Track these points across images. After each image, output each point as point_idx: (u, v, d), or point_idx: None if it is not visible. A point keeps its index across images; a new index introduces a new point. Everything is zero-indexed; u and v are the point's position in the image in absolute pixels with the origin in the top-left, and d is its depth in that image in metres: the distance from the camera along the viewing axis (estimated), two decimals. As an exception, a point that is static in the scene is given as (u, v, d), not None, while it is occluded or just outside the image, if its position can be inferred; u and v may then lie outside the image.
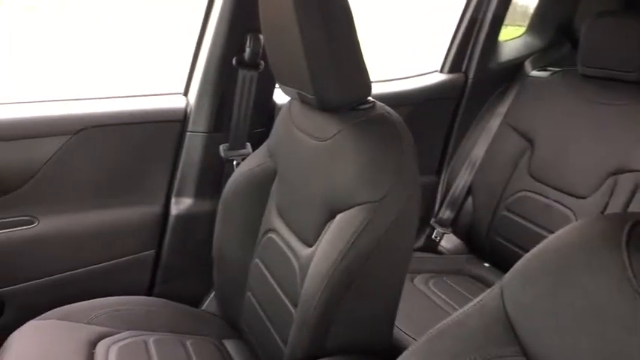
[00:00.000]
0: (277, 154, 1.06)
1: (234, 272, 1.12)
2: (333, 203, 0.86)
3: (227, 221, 1.13)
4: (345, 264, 0.79)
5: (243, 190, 1.10)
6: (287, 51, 0.88)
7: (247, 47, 1.24)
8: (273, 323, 0.99)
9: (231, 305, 1.16)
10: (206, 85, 1.28)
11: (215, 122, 1.30)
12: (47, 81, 2.52)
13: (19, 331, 1.00)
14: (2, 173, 1.17)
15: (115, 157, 1.27)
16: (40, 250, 1.23)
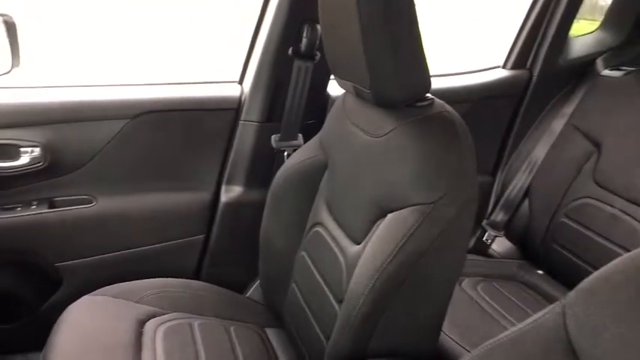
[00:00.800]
0: (329, 148, 1.04)
1: (279, 262, 1.13)
2: (384, 202, 0.84)
3: (275, 212, 1.13)
4: (393, 266, 0.77)
5: (293, 181, 1.10)
6: (345, 43, 0.85)
7: (304, 37, 1.23)
8: (315, 316, 0.98)
9: (274, 295, 1.16)
10: (261, 75, 1.29)
11: (268, 112, 1.30)
12: (111, 65, 2.62)
13: (75, 305, 1.05)
14: (65, 153, 1.22)
15: (170, 142, 1.30)
16: (97, 228, 1.28)
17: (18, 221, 1.22)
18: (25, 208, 1.23)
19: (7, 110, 1.18)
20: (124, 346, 0.95)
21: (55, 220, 1.25)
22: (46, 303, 1.31)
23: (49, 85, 1.29)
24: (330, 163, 1.04)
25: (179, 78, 1.36)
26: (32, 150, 1.19)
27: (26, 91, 1.24)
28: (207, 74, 1.48)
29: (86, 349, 0.94)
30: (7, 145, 1.17)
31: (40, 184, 1.24)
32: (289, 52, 1.24)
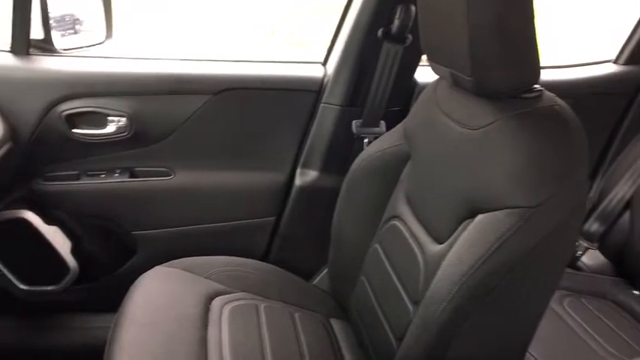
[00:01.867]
0: (414, 138, 0.97)
1: (350, 253, 1.09)
2: (475, 201, 0.76)
3: (350, 200, 1.09)
4: (482, 273, 0.70)
5: (372, 170, 1.05)
6: (445, 24, 0.78)
7: (396, 19, 1.16)
8: (386, 314, 0.93)
9: (342, 285, 1.13)
10: (347, 57, 1.24)
11: (351, 96, 1.26)
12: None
13: (147, 274, 1.07)
14: (148, 125, 1.25)
15: (250, 120, 1.30)
16: (173, 201, 1.31)
17: (101, 188, 1.27)
18: (108, 176, 1.28)
19: (99, 79, 1.22)
20: (191, 320, 0.96)
21: (135, 190, 1.28)
22: (121, 269, 1.36)
23: (139, 56, 1.32)
24: (414, 154, 0.97)
25: (263, 56, 1.34)
26: (119, 119, 1.22)
27: (117, 62, 1.28)
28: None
29: (155, 319, 0.95)
30: (97, 113, 1.21)
31: (124, 153, 1.28)
32: (379, 34, 1.18)
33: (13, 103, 1.17)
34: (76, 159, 1.26)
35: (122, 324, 0.93)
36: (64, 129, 1.21)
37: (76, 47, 1.34)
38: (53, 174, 1.26)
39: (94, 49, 1.38)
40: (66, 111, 1.19)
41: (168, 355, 0.88)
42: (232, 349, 0.92)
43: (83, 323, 1.39)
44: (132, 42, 2.72)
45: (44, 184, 1.25)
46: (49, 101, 1.18)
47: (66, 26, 1.46)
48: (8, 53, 1.20)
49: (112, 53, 1.34)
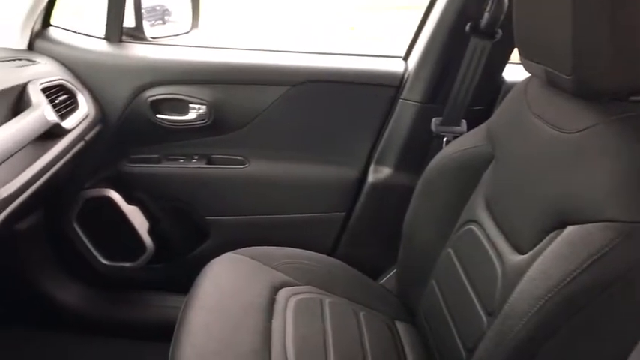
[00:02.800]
0: (499, 139, 0.92)
1: (420, 255, 1.05)
2: (565, 211, 0.70)
3: (425, 200, 1.05)
4: (570, 290, 0.63)
5: (450, 171, 1.00)
6: (545, 18, 0.72)
7: (486, 12, 1.10)
8: (456, 322, 0.89)
9: (410, 288, 1.09)
10: (430, 52, 1.20)
11: (432, 93, 1.21)
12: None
13: (218, 260, 1.09)
14: (227, 114, 1.28)
15: (327, 113, 1.29)
16: (246, 190, 1.33)
17: (179, 172, 1.32)
18: (186, 162, 1.32)
19: (183, 67, 1.27)
20: (257, 309, 0.97)
21: (211, 177, 1.32)
22: (193, 252, 1.41)
23: (221, 46, 1.35)
24: (497, 157, 0.91)
25: (344, 49, 1.33)
26: (199, 107, 1.26)
27: (200, 51, 1.32)
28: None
29: (223, 304, 0.97)
30: (179, 100, 1.26)
31: (202, 140, 1.32)
32: (466, 29, 1.12)
33: (105, 88, 1.23)
34: (158, 143, 1.32)
35: (192, 306, 0.95)
36: (149, 114, 1.26)
37: (163, 36, 1.40)
38: (137, 156, 1.33)
39: (180, 38, 1.43)
40: (151, 97, 1.25)
41: (233, 341, 0.89)
42: (295, 342, 0.91)
43: (156, 301, 1.45)
44: (215, 33, 2.81)
45: (128, 166, 1.32)
46: (137, 87, 1.24)
47: (156, 16, 1.53)
48: (102, 40, 1.27)
49: (197, 43, 1.38)
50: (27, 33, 1.19)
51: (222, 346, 0.88)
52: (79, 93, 1.17)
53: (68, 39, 1.25)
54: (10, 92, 0.96)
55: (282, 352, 0.89)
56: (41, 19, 1.21)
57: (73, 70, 1.21)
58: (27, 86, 0.99)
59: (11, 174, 0.87)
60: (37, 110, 0.96)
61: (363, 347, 0.95)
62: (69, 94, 1.14)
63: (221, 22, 6.60)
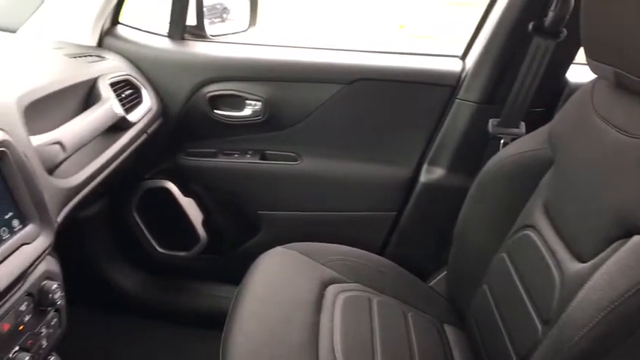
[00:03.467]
0: (561, 143, 0.88)
1: (473, 258, 1.03)
2: (631, 219, 0.66)
3: (479, 203, 1.02)
4: (636, 301, 0.61)
5: (507, 174, 0.97)
6: (616, 18, 0.69)
7: (551, 11, 1.06)
8: (508, 330, 0.87)
9: (461, 291, 1.08)
10: (489, 51, 1.17)
11: (490, 93, 1.18)
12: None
13: (268, 254, 1.11)
14: (281, 110, 1.29)
15: (380, 112, 1.28)
16: (299, 186, 1.35)
17: (233, 167, 1.35)
18: (241, 156, 1.35)
19: (240, 64, 1.29)
20: (306, 304, 0.98)
21: (264, 172, 1.34)
22: (245, 245, 1.44)
23: (277, 44, 1.37)
24: (558, 161, 0.88)
25: (400, 47, 1.32)
26: (255, 103, 1.29)
27: (257, 49, 1.34)
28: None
29: (273, 297, 0.99)
30: (236, 96, 1.29)
31: (256, 136, 1.34)
32: (529, 28, 1.09)
33: (167, 84, 1.28)
34: (214, 138, 1.36)
35: (243, 298, 0.98)
36: (207, 109, 1.30)
37: (222, 34, 1.44)
38: (194, 150, 1.37)
39: (238, 36, 1.47)
40: (210, 92, 1.28)
41: (282, 334, 0.91)
42: (343, 338, 0.92)
43: (208, 291, 1.50)
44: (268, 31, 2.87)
45: (185, 159, 1.37)
46: (197, 83, 1.28)
47: (215, 14, 1.57)
48: (165, 37, 1.32)
49: (254, 40, 1.41)
50: (97, 31, 1.25)
51: (272, 337, 0.90)
52: (143, 88, 1.22)
53: (134, 36, 1.30)
54: (82, 86, 1.01)
55: (329, 348, 0.90)
56: (110, 18, 1.27)
57: (138, 66, 1.26)
58: (97, 81, 1.05)
59: (81, 163, 0.93)
60: (106, 104, 1.01)
61: (411, 348, 0.95)
62: (134, 88, 1.19)
63: (273, 20, 6.68)
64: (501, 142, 1.18)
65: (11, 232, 0.66)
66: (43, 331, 0.73)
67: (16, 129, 0.73)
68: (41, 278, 0.73)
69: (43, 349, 0.74)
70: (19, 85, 0.83)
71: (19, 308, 0.68)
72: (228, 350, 0.87)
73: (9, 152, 0.67)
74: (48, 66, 0.99)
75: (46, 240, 0.71)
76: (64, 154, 0.83)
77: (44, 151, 0.78)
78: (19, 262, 0.65)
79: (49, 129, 0.85)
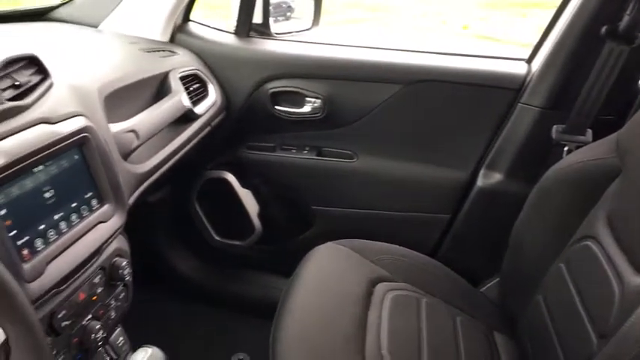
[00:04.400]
0: (631, 152, 0.85)
1: (528, 267, 1.00)
2: None
3: (538, 210, 1.00)
4: None
5: (569, 182, 0.94)
6: None
7: (626, 15, 1.01)
8: (561, 342, 0.84)
9: (513, 299, 1.05)
10: (557, 54, 1.13)
11: (555, 98, 1.15)
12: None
13: (320, 248, 1.13)
14: (340, 108, 1.31)
15: (438, 114, 1.27)
16: (353, 184, 1.36)
17: (291, 162, 1.38)
18: (298, 152, 1.38)
19: (302, 62, 1.32)
20: (355, 299, 0.99)
21: (320, 168, 1.37)
22: (297, 238, 1.47)
23: (338, 43, 1.38)
24: (627, 171, 0.84)
25: (462, 49, 1.30)
26: (315, 101, 1.31)
27: (319, 47, 1.37)
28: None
29: (323, 289, 1.01)
30: (297, 93, 1.32)
31: (314, 132, 1.37)
32: (602, 32, 1.05)
33: (232, 79, 1.33)
34: (274, 133, 1.40)
35: (294, 289, 1.00)
36: (269, 105, 1.34)
37: (286, 32, 1.47)
38: (254, 144, 1.41)
39: (302, 34, 1.50)
40: (272, 89, 1.32)
41: (330, 326, 0.92)
42: (390, 336, 0.93)
43: (261, 280, 1.54)
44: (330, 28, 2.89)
45: (245, 152, 1.42)
46: (260, 79, 1.32)
47: (280, 12, 1.61)
48: (232, 35, 1.37)
49: (316, 39, 1.43)
50: (169, 27, 1.32)
51: (320, 328, 0.92)
52: (209, 82, 1.27)
53: (204, 33, 1.36)
54: (155, 79, 1.08)
55: (376, 343, 0.91)
56: (182, 15, 1.34)
57: (205, 62, 1.32)
58: (168, 75, 1.11)
59: (151, 151, 0.99)
60: (175, 96, 1.07)
61: (458, 353, 0.94)
62: (201, 83, 1.25)
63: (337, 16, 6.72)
64: (565, 149, 1.14)
65: (90, 211, 0.72)
66: (112, 303, 0.80)
67: (97, 116, 0.79)
68: (113, 255, 0.79)
69: (111, 320, 0.80)
70: (101, 77, 0.90)
71: (93, 280, 0.74)
72: (278, 338, 0.89)
73: (91, 137, 0.73)
74: (125, 59, 1.07)
75: (119, 219, 0.77)
76: (137, 142, 0.89)
77: (121, 138, 0.85)
78: (96, 237, 0.71)
79: (125, 118, 0.91)
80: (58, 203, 0.67)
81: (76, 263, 0.67)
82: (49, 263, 0.63)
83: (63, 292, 0.68)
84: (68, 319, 0.68)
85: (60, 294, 0.67)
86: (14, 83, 0.66)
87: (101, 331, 0.74)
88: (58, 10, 1.28)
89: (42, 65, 0.73)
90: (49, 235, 0.65)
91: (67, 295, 0.69)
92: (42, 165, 0.64)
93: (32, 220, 0.63)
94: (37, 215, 0.64)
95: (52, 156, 0.66)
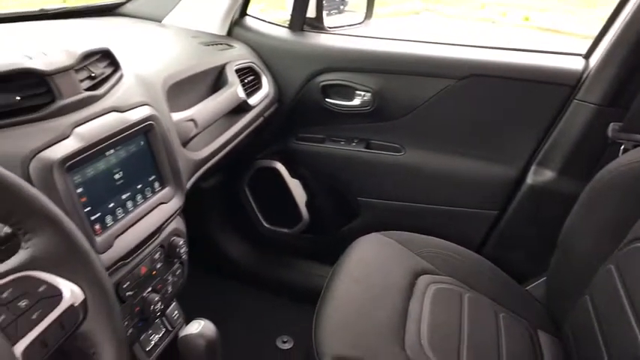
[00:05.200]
0: None
1: (576, 267, 0.99)
2: None
3: (590, 210, 0.98)
4: None
5: (625, 182, 0.92)
6: None
7: None
8: (607, 344, 0.83)
9: (560, 299, 1.04)
10: (617, 50, 1.09)
11: (613, 95, 1.11)
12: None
13: (365, 238, 1.16)
14: (389, 102, 1.33)
15: (489, 109, 1.26)
16: (400, 177, 1.38)
17: (339, 153, 1.41)
18: (346, 144, 1.41)
19: (353, 56, 1.34)
20: (397, 289, 1.02)
21: (367, 160, 1.39)
22: (342, 228, 1.51)
23: (390, 37, 1.39)
24: None
25: (516, 43, 1.28)
26: (365, 94, 1.33)
27: (369, 41, 1.38)
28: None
29: (366, 279, 1.04)
30: (347, 87, 1.35)
31: (363, 125, 1.39)
32: None
33: (284, 72, 1.37)
34: (323, 125, 1.43)
35: (338, 277, 1.04)
36: (319, 97, 1.37)
37: (338, 26, 1.50)
38: (304, 135, 1.45)
39: (354, 28, 1.52)
40: (323, 82, 1.35)
41: (372, 313, 0.95)
42: (430, 328, 0.94)
43: (305, 268, 1.59)
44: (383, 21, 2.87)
45: (296, 143, 1.46)
46: (311, 72, 1.35)
47: (333, 6, 1.63)
48: (285, 28, 1.41)
49: (369, 33, 1.45)
50: (227, 21, 1.38)
51: (362, 315, 0.95)
52: (263, 75, 1.32)
53: (259, 27, 1.41)
54: (213, 71, 1.14)
55: (416, 333, 0.93)
56: (240, 10, 1.39)
57: (260, 55, 1.37)
58: (225, 67, 1.17)
59: (207, 140, 1.05)
60: (231, 88, 1.12)
61: (499, 349, 0.94)
62: (255, 75, 1.30)
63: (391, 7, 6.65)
64: (621, 148, 1.10)
65: (153, 192, 0.79)
66: (169, 279, 0.86)
67: (161, 106, 0.85)
68: (171, 234, 0.86)
69: (168, 294, 0.87)
70: (164, 69, 0.96)
71: (153, 256, 0.81)
72: (320, 324, 0.93)
73: (156, 125, 0.79)
74: (187, 53, 1.13)
75: (178, 201, 0.83)
76: (196, 130, 0.95)
77: (181, 126, 0.91)
78: (157, 217, 0.78)
79: (185, 107, 0.97)
80: (125, 184, 0.73)
81: (140, 239, 0.73)
82: (117, 238, 0.69)
83: (127, 265, 0.74)
84: (131, 290, 0.75)
85: (125, 267, 0.74)
86: (90, 75, 0.73)
87: (159, 303, 0.80)
88: (125, 6, 1.36)
89: (114, 58, 0.80)
90: (117, 213, 0.71)
91: (131, 268, 0.75)
92: (113, 149, 0.71)
93: (103, 198, 0.69)
94: (107, 194, 0.70)
95: (121, 141, 0.72)
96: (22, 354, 0.41)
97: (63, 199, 0.61)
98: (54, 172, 0.60)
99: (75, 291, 0.46)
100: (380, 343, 0.90)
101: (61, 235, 0.46)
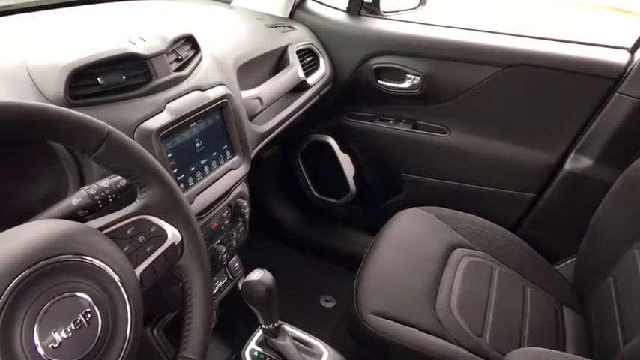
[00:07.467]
0: None
1: (604, 250, 1.04)
2: None
3: (621, 197, 1.03)
4: None
5: None
6: None
7: None
8: (624, 326, 0.88)
9: (586, 279, 1.09)
10: None
11: None
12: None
13: (405, 212, 1.25)
14: (436, 86, 1.39)
15: (533, 97, 1.30)
16: (443, 157, 1.45)
17: (387, 132, 1.49)
18: (395, 123, 1.49)
19: (405, 41, 1.40)
20: (433, 259, 1.11)
21: (414, 139, 1.47)
22: (386, 202, 1.60)
23: (440, 24, 1.43)
24: None
25: (563, 34, 1.30)
26: (414, 77, 1.40)
27: (421, 27, 1.43)
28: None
29: (405, 247, 1.14)
30: (398, 70, 1.42)
31: (411, 107, 1.46)
32: None
33: (341, 54, 1.46)
34: (374, 105, 1.51)
35: (379, 245, 1.14)
36: (371, 79, 1.45)
37: (393, 11, 1.56)
38: (355, 113, 1.54)
39: (408, 13, 1.58)
40: (375, 64, 1.43)
41: (408, 278, 1.05)
42: (460, 295, 1.02)
43: (349, 236, 1.71)
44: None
45: (347, 120, 1.55)
46: (366, 55, 1.43)
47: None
48: (344, 12, 1.49)
49: (420, 19, 1.50)
50: (290, 4, 1.47)
51: (399, 280, 1.05)
52: (321, 56, 1.42)
53: (319, 10, 1.49)
54: (276, 52, 1.24)
55: (447, 299, 1.02)
56: (302, -7, 1.48)
57: (319, 37, 1.45)
58: (287, 48, 1.27)
59: (269, 115, 1.16)
60: (292, 68, 1.23)
61: (523, 319, 1.01)
62: (313, 56, 1.40)
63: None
64: None
65: (225, 160, 0.92)
66: (234, 234, 1.00)
67: (232, 85, 0.98)
68: (237, 197, 0.99)
69: (232, 248, 1.01)
70: (235, 50, 1.08)
71: (222, 214, 0.95)
72: (361, 284, 1.03)
73: (229, 102, 0.91)
74: (254, 35, 1.24)
75: (245, 169, 0.96)
76: (261, 107, 1.07)
77: (249, 103, 1.03)
78: (228, 181, 0.91)
79: (252, 86, 1.09)
80: (204, 152, 0.86)
81: (214, 199, 0.87)
82: (197, 196, 0.83)
83: (202, 219, 0.89)
84: (205, 240, 0.90)
85: (201, 220, 0.88)
86: (178, 57, 0.86)
87: (225, 254, 0.94)
88: (199, -13, 1.48)
89: (195, 42, 0.92)
90: (197, 176, 0.85)
91: (205, 222, 0.90)
92: (195, 122, 0.84)
93: (187, 163, 0.83)
94: (190, 160, 0.84)
95: (202, 116, 0.85)
96: (140, 275, 0.55)
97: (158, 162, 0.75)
98: (152, 140, 0.74)
99: (175, 233, 0.60)
100: (413, 302, 0.99)
101: (167, 189, 0.60)
